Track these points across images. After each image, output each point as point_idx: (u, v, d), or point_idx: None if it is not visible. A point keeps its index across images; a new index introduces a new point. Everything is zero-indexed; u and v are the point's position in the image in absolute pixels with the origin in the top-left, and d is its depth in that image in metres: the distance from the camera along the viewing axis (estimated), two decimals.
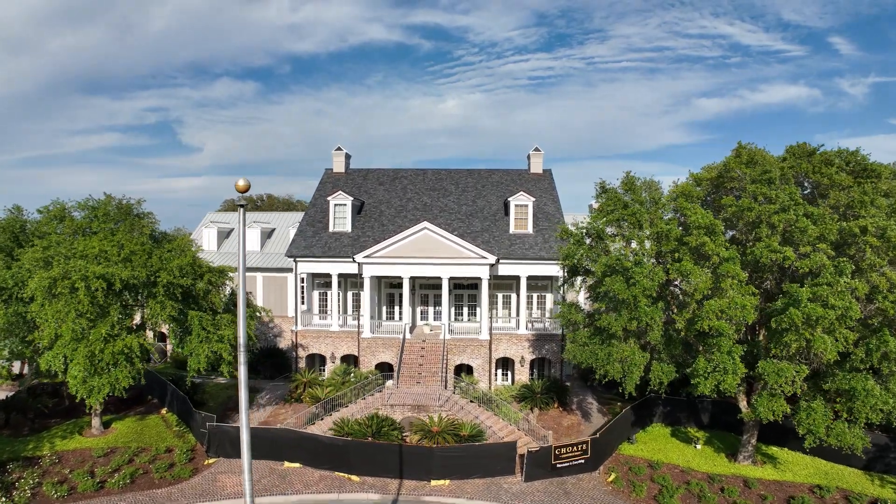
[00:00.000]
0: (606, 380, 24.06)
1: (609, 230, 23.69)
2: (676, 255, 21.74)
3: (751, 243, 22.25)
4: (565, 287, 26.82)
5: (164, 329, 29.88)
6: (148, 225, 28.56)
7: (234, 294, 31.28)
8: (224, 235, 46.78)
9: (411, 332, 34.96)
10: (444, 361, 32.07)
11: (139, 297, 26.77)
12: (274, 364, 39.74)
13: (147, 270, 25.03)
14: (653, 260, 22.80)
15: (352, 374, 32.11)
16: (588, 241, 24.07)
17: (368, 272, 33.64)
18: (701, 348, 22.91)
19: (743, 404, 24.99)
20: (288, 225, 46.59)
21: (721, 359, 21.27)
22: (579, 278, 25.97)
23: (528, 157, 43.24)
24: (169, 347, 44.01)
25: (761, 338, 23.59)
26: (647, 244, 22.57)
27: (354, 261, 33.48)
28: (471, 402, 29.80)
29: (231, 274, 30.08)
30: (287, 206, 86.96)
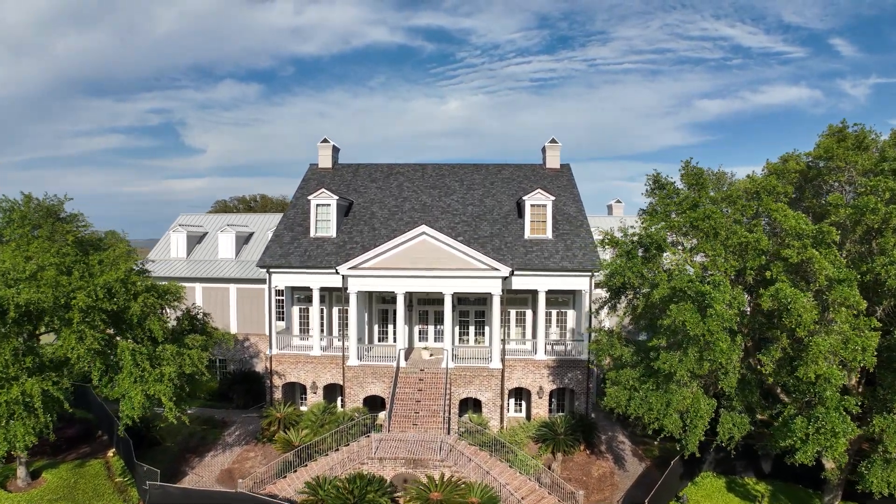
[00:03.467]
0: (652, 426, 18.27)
1: (670, 238, 17.71)
2: (767, 273, 15.83)
3: (867, 258, 16.31)
4: (603, 310, 20.70)
5: None
6: (73, 231, 22.69)
7: (190, 316, 25.44)
8: (195, 240, 40.97)
9: (407, 358, 29.08)
10: (447, 396, 26.20)
11: (53, 324, 20.92)
12: (248, 391, 33.87)
13: (59, 291, 19.22)
14: (730, 279, 16.84)
15: (334, 413, 26.14)
16: (641, 252, 18.02)
17: (355, 286, 27.78)
18: (790, 398, 17.04)
19: (829, 464, 19.10)
20: (268, 228, 40.73)
21: (828, 418, 15.36)
22: (623, 300, 19.95)
23: (544, 150, 37.32)
24: None
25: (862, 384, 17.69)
26: (718, 259, 16.60)
27: (337, 272, 27.63)
28: (480, 449, 23.93)
29: (196, 285, 24.26)
30: (281, 207, 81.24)
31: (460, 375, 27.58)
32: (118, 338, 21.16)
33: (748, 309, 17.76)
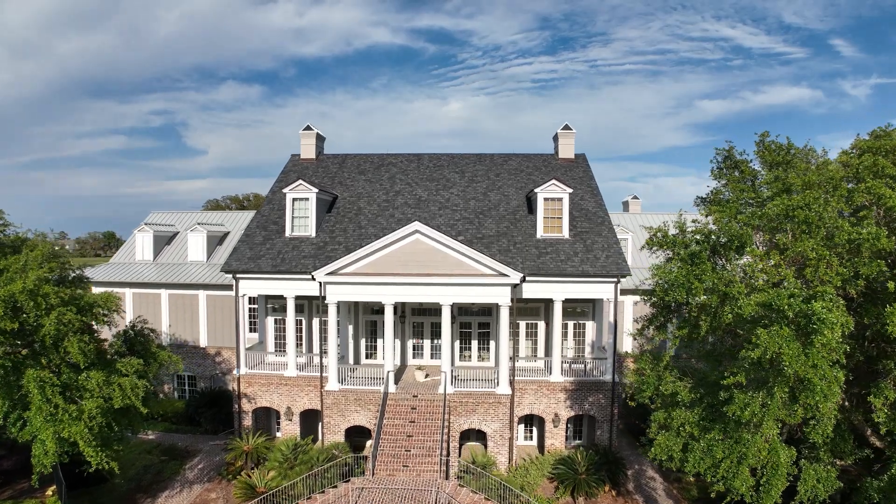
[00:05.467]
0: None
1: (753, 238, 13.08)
2: (892, 285, 11.31)
3: None
4: (650, 331, 15.85)
5: None
6: None
7: (135, 333, 20.90)
8: (164, 241, 36.46)
9: (398, 380, 24.52)
10: (445, 429, 21.64)
11: None
12: (218, 415, 29.36)
13: None
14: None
15: (307, 451, 21.52)
16: (708, 255, 13.36)
17: (335, 296, 23.24)
18: None
19: None
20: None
21: None
22: (673, 320, 15.25)
23: (556, 139, 32.79)
24: None
25: None
26: (821, 264, 12.03)
27: (314, 279, 23.09)
28: (486, 499, 19.37)
29: (161, 292, 19.76)
30: None
31: (461, 402, 23.01)
32: (27, 368, 16.59)
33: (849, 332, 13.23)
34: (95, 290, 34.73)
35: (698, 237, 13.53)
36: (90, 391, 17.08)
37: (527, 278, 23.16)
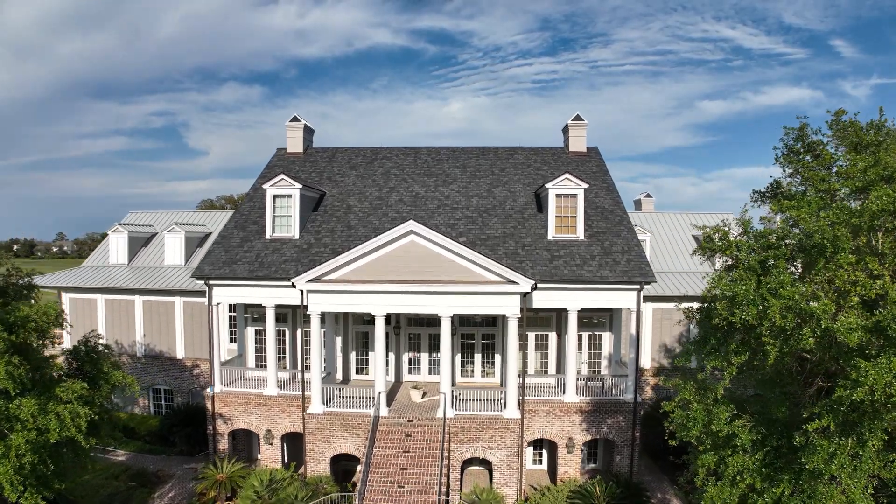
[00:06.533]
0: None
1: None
2: None
3: None
4: (702, 356, 12.64)
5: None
6: None
7: (86, 350, 18.04)
8: (141, 243, 33.64)
9: (391, 401, 21.68)
10: (445, 460, 18.78)
11: None
12: (194, 434, 26.50)
13: None
14: None
15: (278, 493, 18.54)
16: (785, 264, 10.46)
17: (318, 306, 20.40)
18: None
19: None
20: None
21: None
22: (732, 343, 12.25)
23: (566, 131, 29.94)
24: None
25: None
26: None
27: (294, 286, 20.25)
28: None
29: (135, 298, 16.93)
30: None
31: (463, 428, 20.14)
32: None
33: None
34: (64, 296, 31.89)
35: (771, 239, 10.64)
36: (24, 421, 14.28)
37: (538, 286, 20.31)
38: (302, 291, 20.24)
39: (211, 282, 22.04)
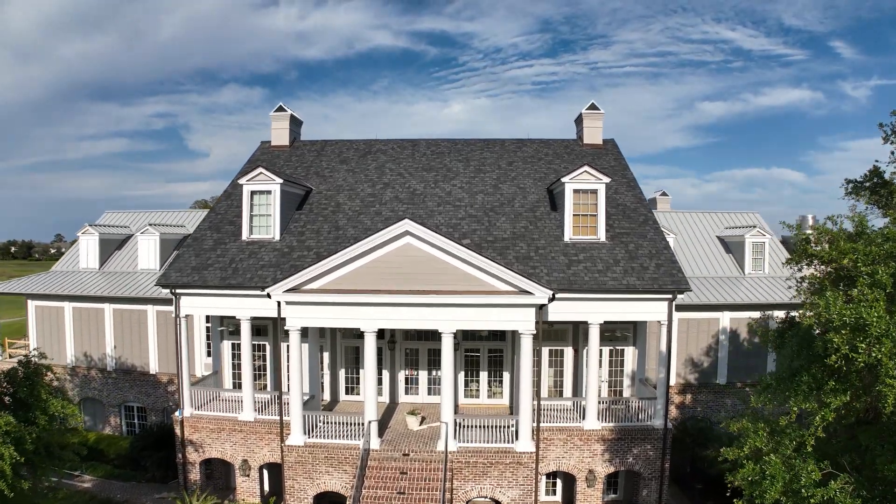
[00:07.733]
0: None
1: None
2: None
3: None
4: (782, 398, 9.64)
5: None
6: None
7: (25, 373, 15.16)
8: (113, 246, 30.74)
9: (383, 432, 18.74)
10: (447, 503, 15.85)
11: None
12: (167, 458, 23.52)
13: None
14: None
15: None
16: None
17: (298, 319, 17.49)
18: None
19: None
20: None
21: None
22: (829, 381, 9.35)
23: (579, 121, 27.06)
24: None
25: None
26: None
27: (269, 296, 17.34)
28: None
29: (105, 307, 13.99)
30: None
31: (468, 462, 17.21)
32: None
33: None
34: (30, 304, 29.07)
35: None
36: None
37: (556, 296, 17.39)
38: (279, 303, 17.34)
39: (178, 290, 19.16)
